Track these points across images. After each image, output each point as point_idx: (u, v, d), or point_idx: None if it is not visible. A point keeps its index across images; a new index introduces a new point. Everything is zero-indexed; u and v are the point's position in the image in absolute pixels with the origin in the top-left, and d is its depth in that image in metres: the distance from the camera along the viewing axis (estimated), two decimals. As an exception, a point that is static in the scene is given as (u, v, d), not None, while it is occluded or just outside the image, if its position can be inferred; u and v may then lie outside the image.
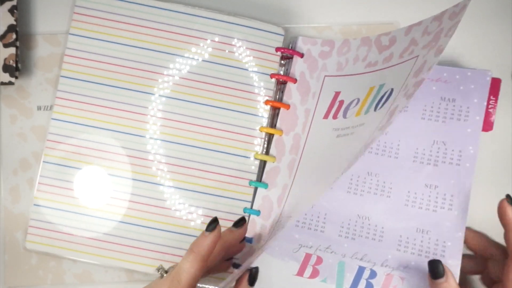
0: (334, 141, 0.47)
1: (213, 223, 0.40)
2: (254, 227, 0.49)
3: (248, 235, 0.48)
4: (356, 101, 0.48)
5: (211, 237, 0.39)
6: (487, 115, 0.49)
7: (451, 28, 0.40)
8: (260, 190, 0.49)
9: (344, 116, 0.48)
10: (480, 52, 0.54)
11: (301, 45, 0.50)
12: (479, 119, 0.48)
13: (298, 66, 0.50)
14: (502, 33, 0.54)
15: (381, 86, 0.46)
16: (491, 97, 0.49)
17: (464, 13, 0.40)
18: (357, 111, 0.47)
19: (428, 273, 0.44)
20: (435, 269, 0.43)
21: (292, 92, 0.50)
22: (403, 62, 0.45)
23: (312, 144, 0.49)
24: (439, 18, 0.42)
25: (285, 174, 0.49)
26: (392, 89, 0.45)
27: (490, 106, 0.50)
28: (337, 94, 0.49)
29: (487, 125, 0.49)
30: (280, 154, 0.49)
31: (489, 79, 0.49)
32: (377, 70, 0.47)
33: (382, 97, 0.45)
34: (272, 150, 0.49)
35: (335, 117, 0.48)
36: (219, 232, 0.40)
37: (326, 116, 0.49)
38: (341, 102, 0.48)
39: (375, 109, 0.45)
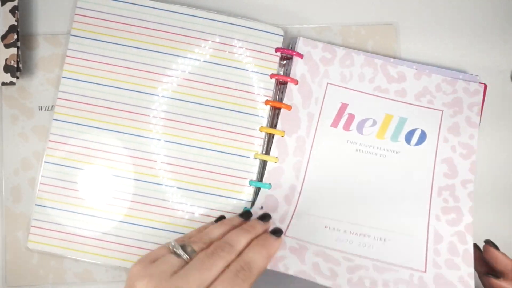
0: (353, 154, 0.50)
1: (279, 232, 0.43)
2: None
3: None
4: (371, 121, 0.51)
5: (279, 242, 0.42)
6: None
7: (473, 106, 0.51)
8: (263, 190, 0.49)
9: (360, 132, 0.50)
10: (480, 54, 0.54)
11: (301, 46, 0.51)
12: None
13: (298, 67, 0.51)
14: (501, 35, 0.54)
15: (403, 119, 0.51)
16: None
17: (481, 98, 0.51)
18: (377, 133, 0.50)
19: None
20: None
21: (293, 93, 0.50)
22: (424, 107, 0.51)
23: (322, 150, 0.50)
24: (450, 83, 0.51)
25: (290, 175, 0.49)
26: (423, 132, 0.50)
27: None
28: (344, 105, 0.51)
29: None
30: (283, 155, 0.49)
31: (477, 83, 0.51)
32: (390, 99, 0.51)
33: (412, 133, 0.51)
34: (273, 151, 0.49)
35: (346, 128, 0.50)
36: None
37: (334, 125, 0.50)
38: (351, 115, 0.51)
39: (408, 142, 0.50)
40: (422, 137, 0.50)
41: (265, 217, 0.45)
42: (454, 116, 0.51)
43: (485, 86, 0.52)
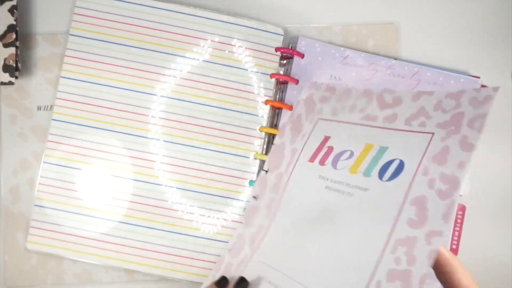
0: (322, 192, 0.43)
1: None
2: (220, 263, 0.46)
3: (214, 271, 0.46)
4: (348, 153, 0.43)
5: None
6: None
7: (476, 120, 0.38)
8: (239, 228, 0.47)
9: (334, 166, 0.43)
10: (480, 54, 0.54)
11: (306, 90, 0.49)
12: None
13: (298, 109, 0.48)
14: (502, 34, 0.54)
15: (383, 149, 0.41)
16: None
17: (491, 106, 0.37)
18: (351, 167, 0.42)
19: None
20: None
21: (285, 131, 0.48)
22: (412, 132, 0.41)
23: (295, 187, 0.45)
24: (455, 97, 0.40)
25: (262, 213, 0.46)
26: (402, 162, 0.40)
27: None
28: (326, 138, 0.45)
29: None
30: (261, 193, 0.47)
31: (478, 87, 0.51)
32: (375, 127, 0.43)
33: (388, 165, 0.40)
34: (256, 189, 0.48)
35: (322, 163, 0.44)
36: None
37: (312, 159, 0.45)
38: (330, 148, 0.44)
39: (380, 177, 0.40)
40: (398, 170, 0.39)
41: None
42: (447, 138, 0.39)
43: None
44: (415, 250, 0.36)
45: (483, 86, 0.51)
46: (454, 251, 0.51)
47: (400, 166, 0.40)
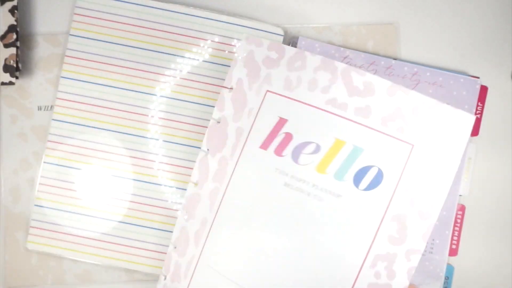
0: (280, 189, 0.38)
1: None
2: (169, 262, 0.42)
3: (164, 271, 0.42)
4: (314, 146, 0.38)
5: None
6: (475, 121, 0.51)
7: (460, 140, 0.37)
8: (181, 219, 0.42)
9: (295, 159, 0.38)
10: (480, 54, 0.54)
11: (245, 45, 0.44)
12: None
13: (236, 71, 0.42)
14: (502, 34, 0.54)
15: (358, 149, 0.38)
16: (479, 104, 0.51)
17: (466, 136, 0.37)
18: (318, 164, 0.38)
19: None
20: None
21: (225, 102, 0.41)
22: (390, 136, 0.37)
23: (244, 177, 0.40)
24: (435, 107, 0.38)
25: (205, 205, 0.41)
26: (380, 172, 0.37)
27: (477, 112, 0.51)
28: (282, 121, 0.39)
29: (474, 130, 0.51)
30: (203, 179, 0.42)
31: (478, 87, 0.51)
32: (347, 119, 0.38)
33: (364, 172, 0.38)
34: (195, 173, 0.42)
35: (278, 153, 0.39)
36: None
37: (264, 146, 0.39)
38: (289, 135, 0.39)
39: (356, 184, 0.37)
40: (377, 180, 0.37)
41: None
42: (428, 154, 0.37)
43: (486, 89, 0.52)
44: (395, 265, 0.37)
45: (482, 86, 0.51)
46: (454, 251, 0.51)
47: (379, 176, 0.37)
